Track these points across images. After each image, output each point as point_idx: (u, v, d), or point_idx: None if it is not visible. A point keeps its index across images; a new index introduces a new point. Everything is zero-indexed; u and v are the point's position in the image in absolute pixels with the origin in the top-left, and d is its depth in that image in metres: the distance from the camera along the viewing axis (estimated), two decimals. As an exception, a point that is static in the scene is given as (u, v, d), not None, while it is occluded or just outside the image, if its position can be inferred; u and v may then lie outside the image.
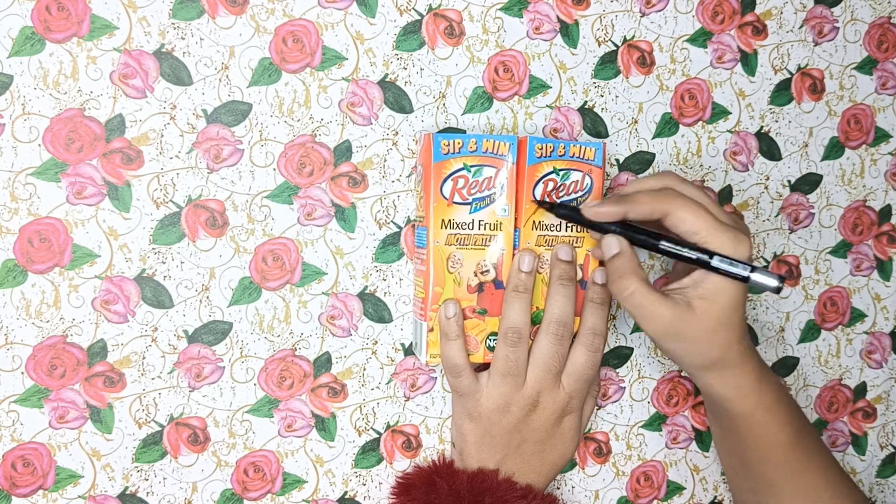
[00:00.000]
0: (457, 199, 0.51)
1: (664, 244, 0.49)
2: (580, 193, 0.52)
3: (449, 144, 0.50)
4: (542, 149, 0.51)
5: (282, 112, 0.52)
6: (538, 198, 0.51)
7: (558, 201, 0.52)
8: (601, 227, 0.50)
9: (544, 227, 0.52)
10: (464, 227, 0.51)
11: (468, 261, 0.51)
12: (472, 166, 0.51)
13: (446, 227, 0.51)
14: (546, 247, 0.52)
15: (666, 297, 0.48)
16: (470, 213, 0.51)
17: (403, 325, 0.55)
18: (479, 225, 0.51)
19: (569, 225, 0.52)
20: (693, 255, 0.48)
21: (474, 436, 0.52)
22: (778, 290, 0.49)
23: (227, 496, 0.54)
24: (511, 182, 0.51)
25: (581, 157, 0.52)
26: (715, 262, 0.48)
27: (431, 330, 0.51)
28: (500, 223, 0.51)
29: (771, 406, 0.51)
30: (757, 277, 0.48)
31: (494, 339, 0.52)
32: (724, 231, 0.48)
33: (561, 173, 0.52)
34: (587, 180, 0.52)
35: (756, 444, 0.52)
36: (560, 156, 0.52)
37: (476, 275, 0.51)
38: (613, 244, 0.50)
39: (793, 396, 0.54)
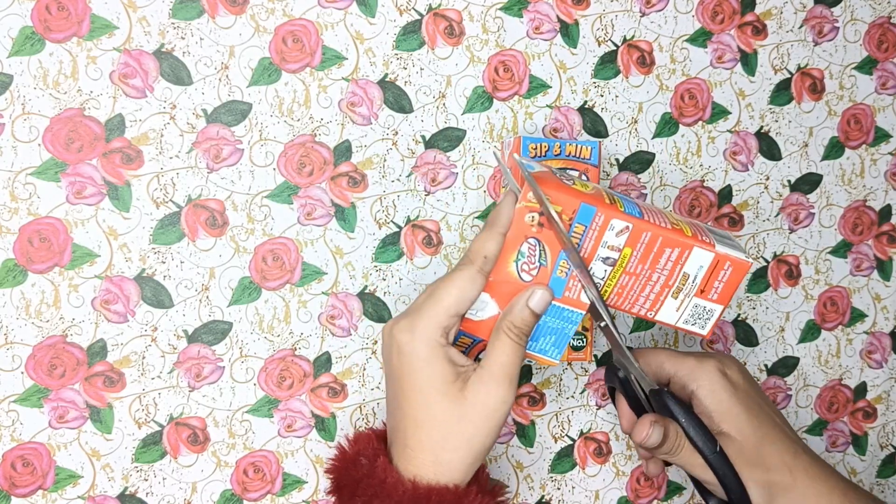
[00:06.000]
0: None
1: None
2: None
3: (536, 148, 0.51)
4: (536, 148, 0.51)
5: (282, 112, 0.52)
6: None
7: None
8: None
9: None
10: None
11: None
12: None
13: None
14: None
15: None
16: None
17: (403, 324, 0.55)
18: None
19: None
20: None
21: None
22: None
23: (226, 496, 0.54)
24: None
25: (577, 155, 0.52)
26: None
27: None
28: None
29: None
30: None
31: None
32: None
33: (557, 173, 0.52)
34: (583, 179, 0.52)
35: None
36: (556, 155, 0.52)
37: None
38: (655, 435, 0.47)
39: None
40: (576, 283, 0.45)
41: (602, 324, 0.47)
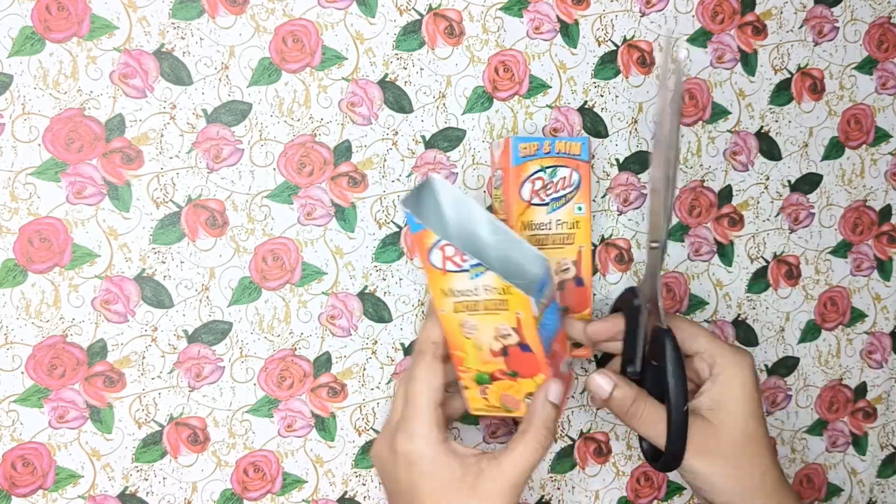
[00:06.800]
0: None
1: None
2: (569, 189, 0.52)
3: (527, 147, 0.51)
4: (526, 148, 0.51)
5: (282, 112, 0.52)
6: (527, 198, 0.52)
7: (548, 199, 0.52)
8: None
9: (534, 226, 0.52)
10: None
11: (484, 327, 0.46)
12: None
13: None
14: (538, 246, 0.52)
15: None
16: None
17: (403, 324, 0.55)
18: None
19: (559, 222, 0.52)
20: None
21: None
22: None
23: (226, 496, 0.54)
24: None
25: (567, 152, 0.52)
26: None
27: (466, 388, 0.49)
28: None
29: None
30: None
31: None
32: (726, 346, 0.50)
33: (548, 171, 0.52)
34: (575, 176, 0.53)
35: None
36: (546, 153, 0.52)
37: (496, 339, 0.46)
38: (604, 384, 0.49)
39: None
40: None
41: (655, 244, 0.47)
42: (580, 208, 0.53)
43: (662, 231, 0.46)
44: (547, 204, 0.52)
